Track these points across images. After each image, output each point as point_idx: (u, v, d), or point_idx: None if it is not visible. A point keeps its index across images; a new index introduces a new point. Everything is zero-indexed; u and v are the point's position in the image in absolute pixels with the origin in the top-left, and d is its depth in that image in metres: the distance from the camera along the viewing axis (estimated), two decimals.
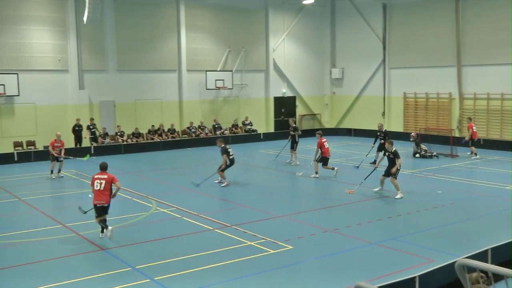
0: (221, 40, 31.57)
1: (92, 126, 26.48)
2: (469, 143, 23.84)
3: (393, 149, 16.10)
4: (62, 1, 26.41)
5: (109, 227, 11.88)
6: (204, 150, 27.57)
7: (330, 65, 35.64)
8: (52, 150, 20.21)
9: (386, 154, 16.41)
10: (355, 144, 28.92)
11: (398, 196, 15.85)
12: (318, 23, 35.21)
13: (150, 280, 9.48)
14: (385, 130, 22.27)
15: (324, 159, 19.39)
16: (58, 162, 20.43)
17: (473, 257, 8.65)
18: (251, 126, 31.90)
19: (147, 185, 18.65)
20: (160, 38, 29.52)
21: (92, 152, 25.67)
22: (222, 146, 18.22)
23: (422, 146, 23.92)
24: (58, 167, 20.48)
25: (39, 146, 25.44)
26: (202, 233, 12.53)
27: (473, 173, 20.35)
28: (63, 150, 20.48)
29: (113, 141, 27.12)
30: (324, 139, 19.51)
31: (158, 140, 28.30)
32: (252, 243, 11.50)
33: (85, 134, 26.12)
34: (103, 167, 12.14)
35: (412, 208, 14.69)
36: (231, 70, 31.59)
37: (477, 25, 27.43)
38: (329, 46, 35.52)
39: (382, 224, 13.35)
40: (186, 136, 29.70)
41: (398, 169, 15.99)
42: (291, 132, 22.56)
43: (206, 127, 30.37)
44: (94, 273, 9.89)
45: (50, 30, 26.29)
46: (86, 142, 26.22)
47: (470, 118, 25.23)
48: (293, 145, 22.42)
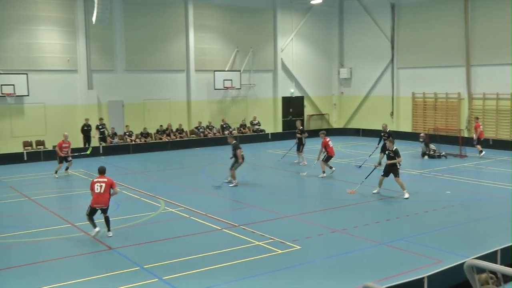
0: (229, 40, 31.60)
1: (101, 126, 26.62)
2: (475, 142, 23.95)
3: (394, 147, 16.13)
4: (71, 1, 26.55)
5: (111, 232, 12.29)
6: (212, 150, 27.63)
7: (338, 65, 35.57)
8: (59, 152, 20.41)
9: (386, 152, 16.38)
10: (363, 144, 28.84)
11: (406, 195, 15.81)
12: (326, 23, 35.16)
13: (158, 279, 9.51)
14: (389, 131, 22.30)
15: (328, 158, 19.60)
16: (66, 162, 20.71)
17: (482, 257, 8.61)
18: (259, 126, 31.91)
19: (156, 185, 18.71)
20: (168, 38, 29.60)
21: (100, 152, 25.86)
22: (234, 142, 18.25)
23: (431, 146, 23.85)
24: (66, 165, 20.81)
25: (48, 146, 25.59)
26: (210, 233, 12.56)
27: (482, 173, 20.24)
28: (70, 150, 20.77)
29: (121, 141, 27.23)
30: (328, 139, 19.70)
31: (167, 140, 28.37)
32: (260, 243, 11.51)
33: (93, 133, 26.25)
34: (102, 171, 12.50)
35: (420, 208, 14.63)
36: (239, 70, 31.61)
37: (486, 24, 27.28)
38: (337, 46, 35.45)
39: (390, 224, 13.32)
40: (194, 136, 29.75)
41: (398, 167, 16.07)
42: (298, 134, 22.56)
43: (214, 127, 30.42)
44: (103, 272, 9.93)
45: (59, 30, 26.43)
46: (94, 142, 26.35)
47: (477, 118, 25.30)
48: (299, 147, 22.44)
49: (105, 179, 12.21)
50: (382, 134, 21.55)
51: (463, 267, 4.62)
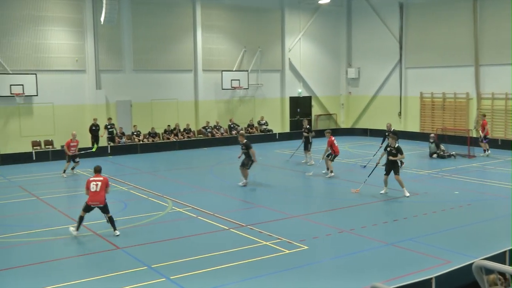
0: (237, 40, 31.62)
1: (110, 126, 26.71)
2: (480, 140, 24.02)
3: (396, 144, 16.12)
4: (80, 2, 26.67)
5: (116, 230, 12.28)
6: (219, 150, 27.66)
7: (346, 65, 35.50)
8: (67, 150, 20.62)
9: (388, 149, 16.31)
10: (371, 144, 28.71)
11: (406, 194, 15.91)
12: (334, 23, 35.10)
13: (166, 279, 9.53)
14: (393, 130, 22.28)
15: (334, 157, 19.70)
16: (74, 162, 20.93)
17: (490, 258, 8.56)
18: (267, 126, 31.91)
19: (163, 184, 18.75)
20: (176, 38, 29.66)
21: (108, 151, 25.95)
22: (246, 141, 17.97)
23: (441, 147, 23.74)
24: (73, 165, 21.06)
25: (57, 146, 25.72)
26: (218, 232, 12.57)
27: (490, 174, 20.12)
28: (77, 149, 21.06)
29: (129, 140, 27.32)
30: (333, 138, 19.76)
31: (174, 140, 28.43)
32: (267, 243, 11.51)
33: (102, 133, 26.34)
34: (98, 170, 12.79)
35: (428, 208, 14.57)
36: (247, 70, 31.62)
37: (495, 24, 27.11)
38: (345, 46, 35.38)
39: (398, 224, 13.27)
40: (201, 136, 29.80)
41: (400, 165, 16.10)
42: (305, 133, 22.54)
43: (221, 127, 30.45)
44: (111, 271, 9.96)
45: (68, 30, 26.55)
46: (103, 142, 26.44)
47: (484, 115, 25.26)
48: (307, 145, 22.43)
49: (100, 178, 12.43)
50: (387, 133, 21.51)
51: (472, 268, 4.60)
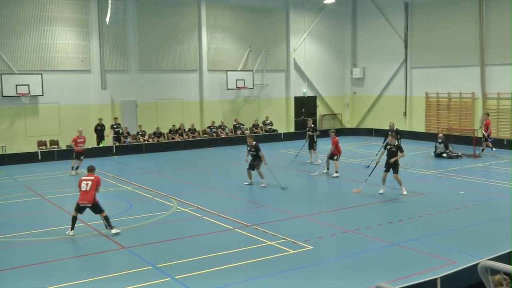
0: (242, 40, 31.63)
1: (116, 126, 26.77)
2: (484, 139, 24.00)
3: (396, 142, 16.19)
4: (85, 2, 26.75)
5: (114, 228, 12.36)
6: (224, 149, 27.68)
7: (351, 64, 35.46)
8: (74, 146, 20.95)
9: (388, 147, 16.30)
10: (376, 144, 28.63)
11: (404, 192, 16.01)
12: (339, 23, 35.06)
13: (171, 278, 9.55)
14: (396, 129, 22.33)
15: (338, 157, 19.87)
16: (78, 160, 21.08)
17: (496, 259, 8.53)
18: (272, 126, 31.91)
19: (168, 184, 18.78)
20: (181, 38, 29.70)
21: (114, 151, 26.02)
22: (255, 143, 17.86)
23: (449, 147, 23.61)
24: (77, 164, 21.13)
25: (62, 146, 25.81)
26: (223, 232, 12.57)
27: (496, 174, 20.03)
28: (84, 145, 21.37)
29: (134, 140, 27.37)
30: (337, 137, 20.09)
31: (179, 139, 28.47)
32: (272, 243, 11.51)
33: (107, 132, 26.39)
34: (90, 169, 12.76)
35: (434, 209, 14.54)
36: (252, 70, 31.64)
37: (500, 24, 26.99)
38: (350, 46, 35.34)
39: (403, 225, 13.25)
40: (206, 135, 29.83)
41: (398, 163, 16.12)
42: (310, 132, 22.53)
43: (226, 127, 30.47)
44: (116, 271, 9.98)
45: (73, 31, 26.64)
46: (108, 141, 26.50)
47: (487, 114, 25.28)
48: (312, 145, 22.42)
49: (92, 177, 12.43)
50: (389, 132, 21.45)
51: (477, 268, 4.59)
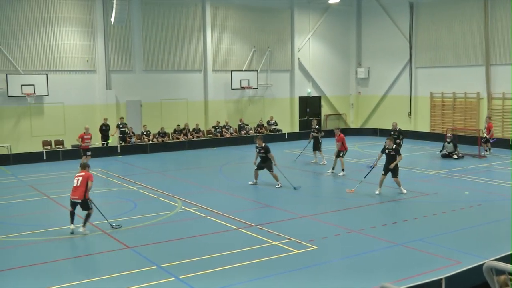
0: (246, 40, 31.65)
1: (122, 125, 26.80)
2: (484, 141, 24.08)
3: (393, 146, 16.25)
4: (90, 2, 26.82)
5: (84, 228, 12.35)
6: (229, 149, 27.69)
7: (355, 64, 35.41)
8: (81, 143, 21.38)
9: (386, 151, 16.32)
10: (380, 144, 28.57)
11: (403, 191, 16.10)
12: (344, 23, 35.02)
13: (175, 278, 9.55)
14: (399, 129, 22.33)
15: (344, 154, 20.06)
16: (86, 156, 21.37)
17: (501, 259, 8.51)
18: (276, 126, 31.90)
19: (173, 184, 18.80)
20: (186, 38, 29.73)
21: (118, 151, 26.06)
22: (264, 144, 17.77)
23: (457, 147, 23.47)
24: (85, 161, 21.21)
25: (67, 145, 25.89)
26: (227, 232, 12.58)
27: (501, 174, 19.96)
28: (90, 142, 21.79)
29: (139, 140, 27.41)
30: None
31: (184, 139, 28.50)
32: (276, 243, 11.50)
33: (112, 132, 26.42)
34: (82, 166, 12.87)
35: (438, 209, 14.50)
36: (256, 70, 31.64)
37: (506, 23, 26.90)
38: (355, 46, 35.29)
39: (408, 225, 13.22)
40: (211, 135, 29.85)
41: (397, 166, 16.15)
42: (314, 133, 22.50)
43: (231, 127, 30.48)
44: (120, 270, 9.99)
45: (78, 31, 26.71)
46: (114, 141, 26.53)
47: (489, 117, 25.48)
48: (317, 145, 22.39)
49: (83, 173, 12.54)
50: (392, 132, 21.47)
51: (482, 269, 4.58)
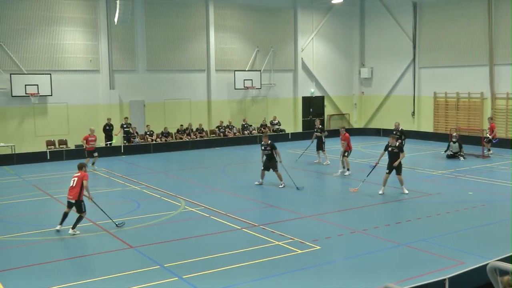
0: (249, 40, 31.65)
1: (126, 125, 26.83)
2: (487, 140, 24.05)
3: (396, 143, 16.25)
4: (94, 2, 26.86)
5: (73, 230, 12.39)
6: (232, 149, 27.70)
7: (359, 64, 35.38)
8: (86, 144, 21.48)
9: (389, 149, 16.31)
10: (384, 144, 28.54)
11: (405, 191, 16.12)
12: (347, 23, 34.99)
13: (178, 278, 9.56)
14: (401, 129, 22.33)
15: (349, 153, 20.04)
16: (93, 157, 21.54)
17: (505, 259, 8.49)
18: (279, 126, 31.89)
19: (176, 184, 18.82)
20: (189, 38, 29.75)
21: (122, 151, 26.09)
22: (270, 141, 17.73)
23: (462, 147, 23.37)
24: (92, 161, 21.67)
25: (71, 145, 25.94)
26: (230, 232, 12.58)
27: (505, 174, 19.91)
28: (95, 144, 21.89)
29: (142, 140, 27.44)
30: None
31: (187, 139, 28.52)
32: (279, 243, 11.50)
33: (116, 131, 26.44)
34: (79, 167, 12.90)
35: (442, 209, 14.48)
36: (260, 70, 31.64)
37: (510, 23, 26.80)
38: (358, 46, 35.26)
39: (412, 225, 13.20)
40: (214, 135, 29.86)
41: (401, 164, 16.15)
42: (318, 133, 22.48)
43: (234, 127, 30.50)
44: (123, 270, 10.01)
45: (82, 31, 26.76)
46: (118, 141, 26.57)
47: (491, 118, 25.51)
48: (320, 145, 22.37)
49: (78, 174, 12.61)
50: (394, 132, 21.44)
51: (486, 269, 4.57)
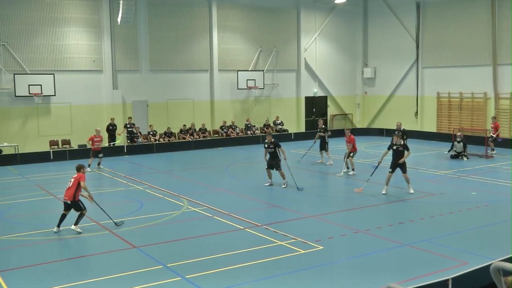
0: (252, 40, 31.66)
1: (130, 125, 26.85)
2: (491, 140, 24.03)
3: (401, 142, 16.27)
4: (97, 2, 26.91)
5: (75, 226, 12.52)
6: (235, 149, 27.71)
7: (362, 64, 35.34)
8: (91, 145, 21.67)
9: (394, 148, 16.31)
10: (387, 144, 28.51)
11: (411, 191, 16.14)
12: (350, 22, 34.96)
13: (181, 278, 9.57)
14: (403, 129, 22.32)
15: (354, 154, 20.01)
16: (98, 158, 21.71)
17: (509, 260, 8.47)
18: (282, 126, 31.89)
19: (179, 184, 18.83)
20: (192, 38, 29.78)
21: (125, 151, 26.13)
22: (273, 140, 17.70)
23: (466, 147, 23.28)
24: (98, 161, 21.88)
25: (74, 145, 25.99)
26: (233, 232, 12.59)
27: (507, 174, 19.85)
28: (100, 144, 22.07)
29: (145, 140, 27.48)
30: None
31: (190, 139, 28.54)
32: (282, 243, 11.50)
33: (119, 131, 26.48)
34: (77, 168, 13.11)
35: (445, 209, 14.45)
36: (263, 70, 31.64)
37: None
38: (361, 46, 35.22)
39: (414, 225, 13.18)
40: (217, 135, 29.88)
41: (405, 163, 16.18)
42: (321, 133, 22.46)
43: (237, 127, 30.50)
44: (126, 270, 10.02)
45: (85, 31, 26.81)
46: (122, 141, 26.62)
47: (495, 117, 25.49)
48: (324, 145, 22.36)
49: (75, 175, 12.76)
50: (396, 132, 21.37)
51: (489, 269, 4.56)
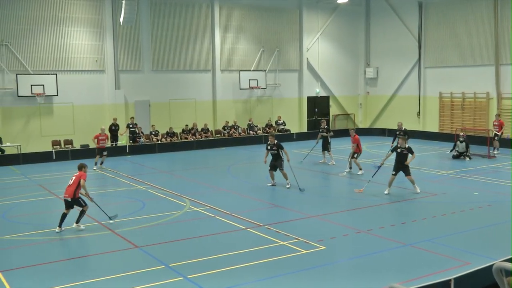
0: (255, 40, 31.66)
1: (132, 126, 26.87)
2: (497, 138, 24.00)
3: (406, 145, 16.22)
4: (99, 2, 26.94)
5: (77, 224, 12.66)
6: (237, 149, 27.71)
7: (364, 64, 35.33)
8: (96, 143, 21.88)
9: (398, 150, 16.29)
10: (389, 144, 28.50)
11: (417, 190, 16.18)
12: (352, 22, 34.94)
13: (183, 278, 9.57)
14: (404, 129, 22.32)
15: (358, 155, 20.01)
16: (102, 156, 21.87)
17: (511, 260, 8.45)
18: (284, 126, 31.88)
19: (181, 184, 18.84)
20: (194, 38, 29.79)
21: (127, 151, 26.15)
22: (276, 141, 17.74)
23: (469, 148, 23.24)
24: (101, 160, 21.99)
25: (77, 145, 26.02)
26: (235, 232, 12.59)
27: (510, 174, 19.84)
28: (105, 143, 22.29)
29: (147, 140, 27.49)
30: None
31: (192, 139, 28.55)
32: (284, 243, 11.50)
33: (122, 131, 26.50)
34: (79, 167, 13.17)
35: (447, 209, 14.43)
36: (265, 70, 31.64)
37: None
38: (363, 45, 35.20)
39: (417, 225, 13.17)
40: (219, 135, 29.89)
41: (408, 165, 16.16)
42: (324, 133, 22.44)
43: (239, 127, 30.51)
44: (129, 270, 10.03)
45: (87, 31, 26.84)
46: (125, 141, 26.66)
47: (499, 115, 25.41)
48: (326, 146, 22.33)
49: (77, 173, 12.84)
50: (397, 132, 21.40)
51: (492, 270, 4.56)
